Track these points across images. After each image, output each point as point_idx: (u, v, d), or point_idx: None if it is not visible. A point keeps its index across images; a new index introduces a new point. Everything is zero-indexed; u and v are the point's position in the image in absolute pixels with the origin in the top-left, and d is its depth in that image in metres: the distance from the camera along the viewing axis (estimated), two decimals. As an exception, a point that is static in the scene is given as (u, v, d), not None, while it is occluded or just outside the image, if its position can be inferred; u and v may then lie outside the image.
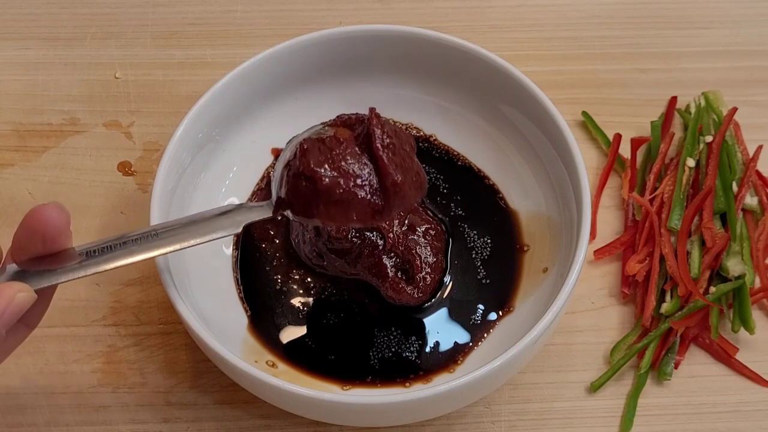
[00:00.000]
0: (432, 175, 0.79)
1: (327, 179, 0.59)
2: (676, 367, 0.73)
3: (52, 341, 0.74)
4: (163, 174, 0.69)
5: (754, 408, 0.72)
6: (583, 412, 0.72)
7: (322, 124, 0.64)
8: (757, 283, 0.76)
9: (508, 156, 0.78)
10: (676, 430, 0.71)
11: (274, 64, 0.76)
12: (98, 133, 0.86)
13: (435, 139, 0.81)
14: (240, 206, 0.62)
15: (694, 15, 0.95)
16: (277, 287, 0.73)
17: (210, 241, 0.61)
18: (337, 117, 0.64)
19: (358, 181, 0.59)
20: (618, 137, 0.83)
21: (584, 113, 0.86)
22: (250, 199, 0.78)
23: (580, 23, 0.94)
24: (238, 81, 0.74)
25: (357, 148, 0.60)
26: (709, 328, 0.73)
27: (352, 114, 0.63)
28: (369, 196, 0.60)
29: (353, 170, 0.60)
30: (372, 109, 0.61)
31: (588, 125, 0.85)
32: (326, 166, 0.59)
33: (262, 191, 0.78)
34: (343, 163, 0.59)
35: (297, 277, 0.74)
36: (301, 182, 0.60)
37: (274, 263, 0.75)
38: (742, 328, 0.74)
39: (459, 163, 0.80)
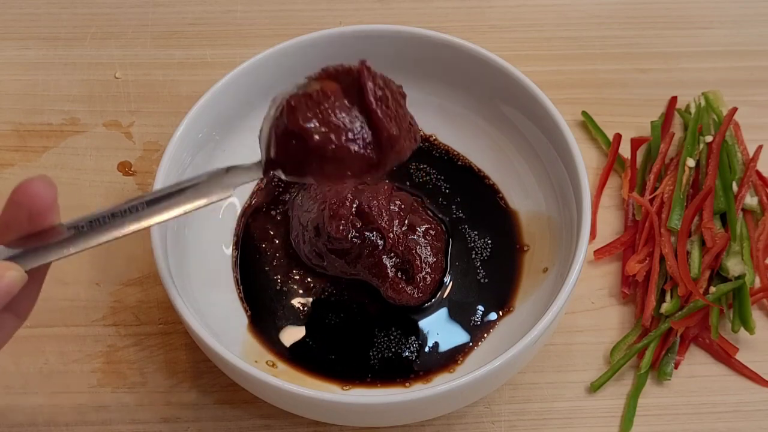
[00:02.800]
0: (432, 175, 0.79)
1: (318, 135, 0.57)
2: (676, 367, 0.73)
3: (52, 341, 0.74)
4: (163, 174, 0.69)
5: (754, 408, 0.72)
6: (583, 412, 0.72)
7: (306, 78, 0.61)
8: (757, 283, 0.76)
9: (508, 156, 0.78)
10: (676, 430, 0.71)
11: (274, 64, 0.76)
12: (98, 133, 0.86)
13: (435, 139, 0.81)
14: (228, 169, 0.60)
15: (694, 15, 0.95)
16: (277, 287, 0.73)
17: (202, 207, 0.58)
18: (322, 70, 0.61)
19: (350, 135, 0.57)
20: (618, 137, 0.83)
21: (584, 113, 0.86)
22: (250, 199, 0.78)
23: (580, 23, 0.94)
24: (238, 81, 0.74)
25: (346, 101, 0.58)
26: (709, 328, 0.73)
27: (338, 65, 0.60)
28: (362, 150, 0.57)
29: (344, 124, 0.57)
30: (363, 62, 0.59)
31: (588, 125, 0.85)
32: (315, 121, 0.57)
33: (262, 191, 0.78)
34: (333, 118, 0.57)
35: (297, 277, 0.74)
36: (290, 140, 0.57)
37: (274, 263, 0.75)
38: (742, 328, 0.74)
39: (459, 163, 0.80)
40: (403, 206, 0.73)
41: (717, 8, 0.95)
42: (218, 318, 0.70)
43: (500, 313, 0.72)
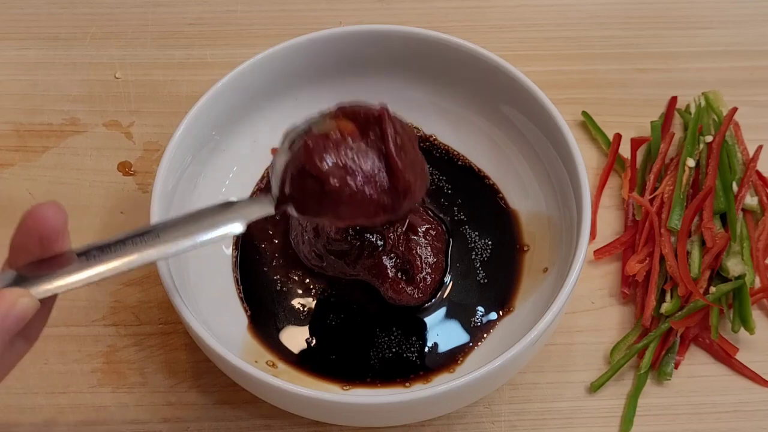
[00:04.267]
0: (432, 176, 0.79)
1: (335, 179, 0.58)
2: (676, 367, 0.73)
3: (52, 341, 0.74)
4: (163, 174, 0.69)
5: (755, 408, 0.72)
6: (583, 412, 0.72)
7: (320, 114, 0.62)
8: (757, 283, 0.75)
9: (508, 156, 0.78)
10: (676, 430, 0.71)
11: (274, 64, 0.76)
12: (98, 133, 0.86)
13: (435, 139, 0.81)
14: (239, 203, 0.60)
15: (694, 15, 0.95)
16: (277, 287, 0.73)
17: (213, 241, 0.58)
18: (338, 108, 0.62)
19: (367, 180, 0.58)
20: (618, 137, 0.83)
21: (584, 113, 0.86)
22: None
23: (580, 23, 0.94)
24: (238, 81, 0.74)
25: (363, 144, 0.59)
26: (709, 328, 0.73)
27: (354, 104, 0.62)
28: (378, 195, 0.59)
29: (362, 169, 0.58)
30: (384, 107, 0.60)
31: (588, 125, 0.85)
32: (333, 165, 0.58)
33: (261, 191, 0.78)
34: (351, 162, 0.58)
35: (296, 277, 0.74)
36: (307, 182, 0.58)
37: (274, 263, 0.75)
38: (742, 328, 0.73)
39: (459, 163, 0.80)
40: None
41: (717, 8, 0.95)
42: (218, 318, 0.70)
43: (500, 313, 0.72)
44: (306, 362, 0.70)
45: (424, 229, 0.73)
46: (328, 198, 0.58)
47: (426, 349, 0.71)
